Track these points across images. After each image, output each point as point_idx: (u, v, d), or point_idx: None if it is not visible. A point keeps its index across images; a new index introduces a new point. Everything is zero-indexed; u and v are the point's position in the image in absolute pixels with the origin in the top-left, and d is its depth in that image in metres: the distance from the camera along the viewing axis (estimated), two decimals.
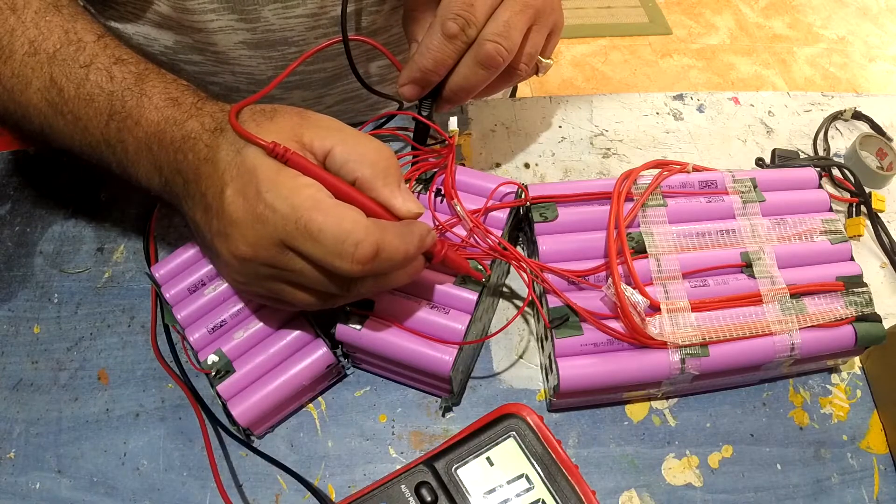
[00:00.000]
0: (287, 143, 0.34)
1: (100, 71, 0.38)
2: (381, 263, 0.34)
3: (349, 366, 0.47)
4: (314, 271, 0.34)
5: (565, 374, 0.41)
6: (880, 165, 0.57)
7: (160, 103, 0.38)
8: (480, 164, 0.57)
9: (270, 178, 0.33)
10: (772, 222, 0.46)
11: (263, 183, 0.33)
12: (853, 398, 0.46)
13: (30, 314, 0.50)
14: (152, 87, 0.38)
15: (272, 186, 0.33)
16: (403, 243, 0.34)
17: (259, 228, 0.33)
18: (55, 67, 0.38)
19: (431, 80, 0.43)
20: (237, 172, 0.34)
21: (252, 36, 0.51)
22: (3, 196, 0.56)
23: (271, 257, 0.34)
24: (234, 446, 0.44)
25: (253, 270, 0.36)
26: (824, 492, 0.43)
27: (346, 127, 0.37)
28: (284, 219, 0.33)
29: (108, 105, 0.38)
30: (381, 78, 0.61)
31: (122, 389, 0.47)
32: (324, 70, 0.56)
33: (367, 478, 0.43)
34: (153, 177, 0.39)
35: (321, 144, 0.35)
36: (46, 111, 0.39)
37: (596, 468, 0.43)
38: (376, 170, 0.35)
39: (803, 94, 0.62)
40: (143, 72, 0.39)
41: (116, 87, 0.38)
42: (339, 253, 0.32)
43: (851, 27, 2.06)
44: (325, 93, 0.59)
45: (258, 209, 0.33)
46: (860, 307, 0.43)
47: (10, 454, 0.45)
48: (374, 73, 0.60)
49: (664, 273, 0.44)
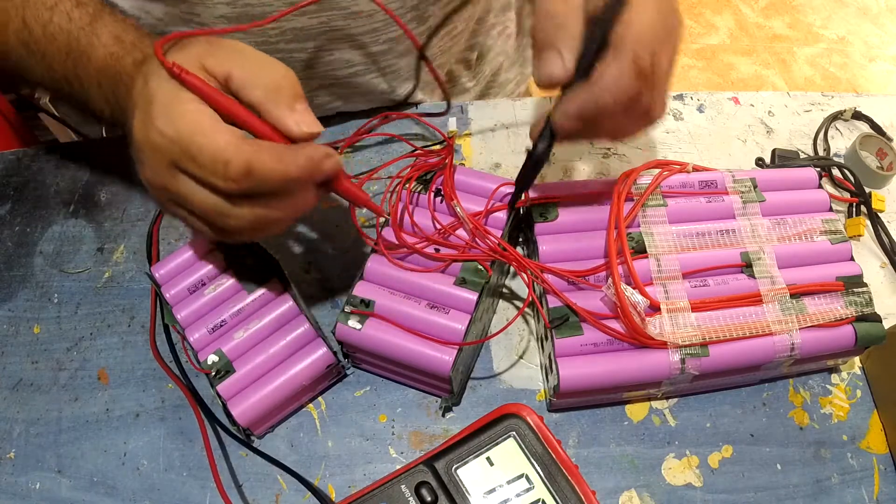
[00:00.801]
0: (191, 69, 0.35)
1: (61, 13, 0.42)
2: (258, 183, 0.35)
3: (349, 366, 0.47)
4: (201, 190, 0.36)
5: (565, 374, 0.41)
6: (880, 165, 0.57)
7: (107, 41, 0.41)
8: (480, 164, 0.57)
9: (164, 104, 0.35)
10: (772, 222, 0.46)
11: (157, 108, 0.35)
12: (853, 398, 0.46)
13: (30, 314, 0.50)
14: (102, 27, 0.41)
15: (163, 112, 0.35)
16: (280, 163, 0.35)
17: (154, 154, 0.35)
18: (27, 10, 0.43)
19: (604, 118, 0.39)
20: (142, 101, 0.36)
21: (232, 10, 0.51)
22: (3, 196, 0.56)
23: (165, 180, 0.36)
24: (234, 446, 0.44)
25: (160, 196, 0.38)
26: (824, 492, 0.43)
27: (249, 50, 0.37)
28: (171, 143, 0.34)
29: (66, 43, 0.42)
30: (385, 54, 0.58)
31: (122, 389, 0.47)
32: (304, 50, 0.55)
33: (367, 478, 0.43)
34: (105, 109, 0.43)
35: (222, 69, 0.36)
36: (20, 50, 0.44)
37: (596, 468, 0.43)
38: (268, 91, 0.36)
39: (803, 94, 0.62)
40: (97, 12, 0.42)
41: (73, 26, 0.42)
42: (213, 171, 0.34)
43: (851, 27, 2.06)
44: (308, 75, 0.57)
45: (152, 135, 0.35)
46: (860, 307, 0.43)
47: (10, 454, 0.45)
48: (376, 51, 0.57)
49: (664, 273, 0.44)
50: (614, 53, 0.37)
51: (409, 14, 0.54)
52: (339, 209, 0.54)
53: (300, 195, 0.37)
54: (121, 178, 0.57)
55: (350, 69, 0.56)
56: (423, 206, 0.47)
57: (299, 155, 0.35)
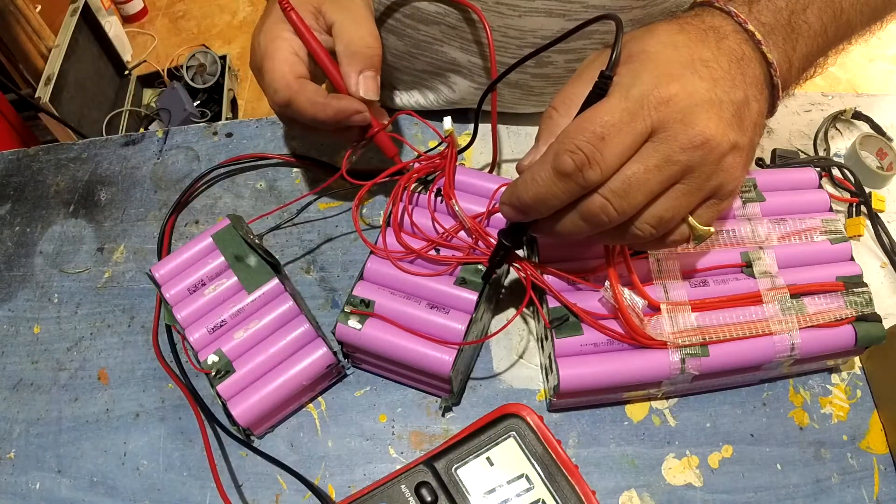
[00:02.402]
0: (306, 5, 0.46)
1: None
2: (294, 113, 0.45)
3: (349, 366, 0.47)
4: None
5: (565, 374, 0.41)
6: (880, 165, 0.57)
7: None
8: (480, 164, 0.57)
9: (269, 26, 0.46)
10: (772, 222, 0.46)
11: (265, 25, 0.46)
12: (853, 398, 0.46)
13: (30, 314, 0.50)
14: None
15: (264, 29, 0.46)
16: (312, 107, 0.44)
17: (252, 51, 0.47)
18: None
19: (530, 215, 0.35)
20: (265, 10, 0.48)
21: None
22: (3, 196, 0.56)
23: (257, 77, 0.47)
24: (234, 446, 0.44)
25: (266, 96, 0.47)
26: (824, 492, 0.43)
27: (357, 8, 0.46)
28: (256, 55, 0.46)
29: None
30: None
31: (122, 389, 0.47)
32: (417, 29, 0.54)
33: (367, 478, 0.43)
34: None
35: (329, 16, 0.46)
36: None
37: (596, 468, 0.43)
38: (349, 50, 0.45)
39: (803, 94, 0.62)
40: None
41: None
42: (266, 89, 0.45)
43: None
44: (418, 55, 0.56)
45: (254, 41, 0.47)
46: (860, 307, 0.43)
47: (10, 454, 0.45)
48: None
49: (664, 273, 0.44)
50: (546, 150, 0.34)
51: (528, 50, 0.47)
52: (340, 209, 0.54)
53: (332, 129, 0.46)
54: (121, 178, 0.57)
55: (452, 66, 0.55)
56: (422, 206, 0.47)
57: (330, 106, 0.44)
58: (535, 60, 0.51)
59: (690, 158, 0.32)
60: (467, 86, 0.56)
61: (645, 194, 0.33)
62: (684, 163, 0.32)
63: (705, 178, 0.33)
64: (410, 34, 0.54)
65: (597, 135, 0.31)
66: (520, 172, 0.36)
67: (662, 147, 0.32)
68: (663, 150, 0.32)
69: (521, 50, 0.52)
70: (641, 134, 0.32)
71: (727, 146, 0.33)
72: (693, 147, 0.32)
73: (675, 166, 0.32)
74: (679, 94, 0.32)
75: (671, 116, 0.32)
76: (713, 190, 0.34)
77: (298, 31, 0.45)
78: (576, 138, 0.32)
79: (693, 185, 0.33)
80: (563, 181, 0.32)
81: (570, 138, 0.32)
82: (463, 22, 0.52)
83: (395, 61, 0.58)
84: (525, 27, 0.50)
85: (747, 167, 0.36)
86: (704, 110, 0.32)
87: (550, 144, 0.33)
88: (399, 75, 0.59)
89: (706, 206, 0.35)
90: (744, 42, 0.36)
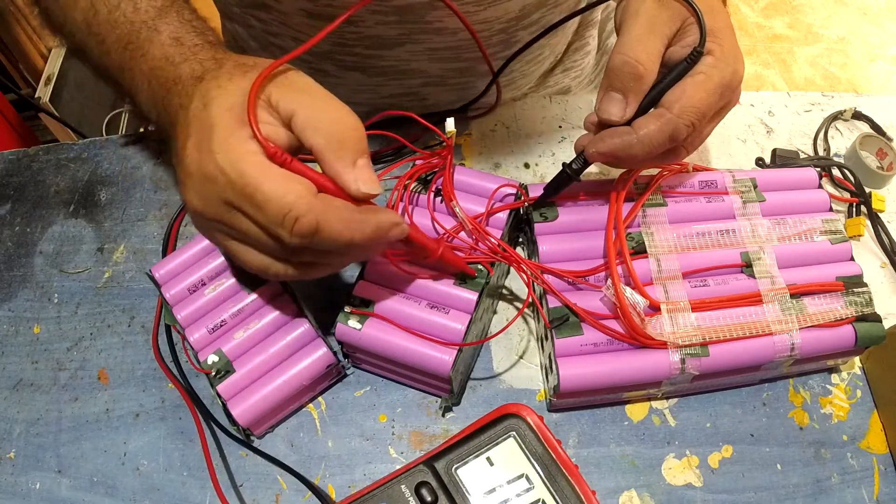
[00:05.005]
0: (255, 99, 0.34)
1: (129, 1, 0.41)
2: (322, 242, 0.34)
3: (349, 366, 0.47)
4: (259, 233, 0.34)
5: (565, 374, 0.41)
6: (880, 165, 0.57)
7: (166, 41, 0.39)
8: (480, 164, 0.57)
9: (224, 138, 0.33)
10: (772, 222, 0.46)
11: (216, 143, 0.33)
12: (853, 398, 0.46)
13: (30, 314, 0.50)
14: (165, 24, 0.40)
15: (224, 148, 0.33)
16: (347, 229, 0.34)
17: (209, 186, 0.34)
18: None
19: (627, 164, 0.44)
20: (199, 126, 0.34)
21: (314, 6, 0.50)
22: (3, 196, 0.56)
23: (219, 214, 0.34)
24: (234, 446, 0.44)
25: (205, 223, 0.36)
26: (824, 492, 0.43)
27: (317, 90, 0.36)
28: (231, 183, 0.33)
29: (127, 33, 0.40)
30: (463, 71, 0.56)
31: (122, 389, 0.47)
32: (380, 58, 0.54)
33: (367, 478, 0.43)
34: (151, 110, 0.41)
35: (286, 106, 0.34)
36: (84, 29, 0.43)
37: (596, 468, 0.43)
38: (330, 140, 0.34)
39: (803, 94, 0.62)
40: (164, 7, 0.41)
41: (137, 18, 0.40)
42: (279, 223, 0.33)
43: (851, 27, 2.06)
44: (384, 82, 0.55)
45: (208, 168, 0.33)
46: (860, 307, 0.43)
47: (10, 454, 0.45)
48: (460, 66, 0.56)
49: (664, 273, 0.44)
50: (658, 114, 0.40)
51: (497, 37, 0.52)
52: None
53: (361, 254, 0.38)
54: (121, 178, 0.57)
55: (423, 79, 0.55)
56: (422, 206, 0.47)
57: (368, 223, 0.35)
58: (503, 43, 0.55)
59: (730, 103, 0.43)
60: (440, 91, 0.56)
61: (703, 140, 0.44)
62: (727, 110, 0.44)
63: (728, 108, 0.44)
64: (373, 63, 0.53)
65: (701, 112, 0.40)
66: (600, 115, 0.41)
67: (725, 110, 0.43)
68: (724, 114, 0.43)
69: (490, 38, 0.54)
70: (722, 107, 0.42)
71: (734, 99, 0.44)
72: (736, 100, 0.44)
73: (722, 116, 0.44)
74: (741, 72, 0.42)
75: (739, 89, 0.43)
76: None
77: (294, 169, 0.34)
78: (692, 115, 0.39)
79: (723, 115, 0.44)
80: (670, 144, 0.40)
81: (687, 115, 0.39)
82: (429, 33, 0.51)
83: (355, 95, 0.56)
84: (490, 17, 0.52)
85: None
86: (742, 67, 0.42)
87: (661, 113, 0.40)
88: (362, 109, 0.58)
89: None
90: None
